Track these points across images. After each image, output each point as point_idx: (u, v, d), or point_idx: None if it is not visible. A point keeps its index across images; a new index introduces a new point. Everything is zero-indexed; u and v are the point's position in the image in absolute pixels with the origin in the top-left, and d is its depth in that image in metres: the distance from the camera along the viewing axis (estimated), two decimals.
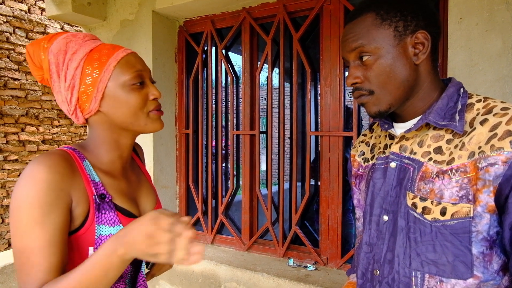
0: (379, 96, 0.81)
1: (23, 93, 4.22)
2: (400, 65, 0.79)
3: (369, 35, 0.79)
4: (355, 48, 0.80)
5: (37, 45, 0.83)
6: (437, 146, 0.79)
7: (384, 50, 0.78)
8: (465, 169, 0.73)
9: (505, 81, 1.63)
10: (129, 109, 0.83)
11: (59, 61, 0.81)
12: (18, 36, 4.14)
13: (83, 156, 0.83)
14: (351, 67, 0.83)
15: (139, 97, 0.83)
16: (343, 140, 2.19)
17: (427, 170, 0.78)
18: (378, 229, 0.86)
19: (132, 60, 0.84)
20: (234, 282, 2.28)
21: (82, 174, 0.80)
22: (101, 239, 0.79)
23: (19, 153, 4.22)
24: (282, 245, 2.40)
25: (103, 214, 0.80)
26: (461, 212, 0.73)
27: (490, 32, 1.66)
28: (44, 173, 0.72)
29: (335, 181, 2.20)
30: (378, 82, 0.80)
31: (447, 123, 0.77)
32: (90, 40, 0.85)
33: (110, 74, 0.81)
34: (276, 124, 2.70)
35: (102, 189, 0.82)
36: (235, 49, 2.84)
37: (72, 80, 0.81)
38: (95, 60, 0.81)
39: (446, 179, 0.75)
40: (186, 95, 2.79)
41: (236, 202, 2.78)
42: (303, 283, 2.04)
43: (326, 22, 2.19)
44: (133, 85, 0.83)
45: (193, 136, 2.77)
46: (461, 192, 0.73)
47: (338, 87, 2.17)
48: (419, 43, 0.78)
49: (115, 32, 2.72)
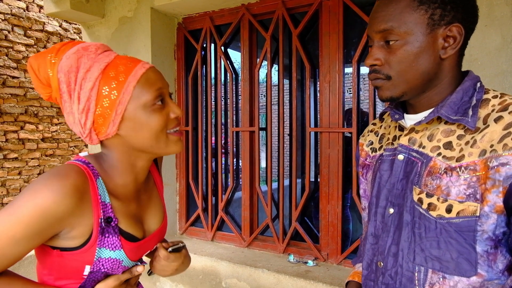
0: (395, 83, 0.78)
1: (22, 91, 4.21)
2: (425, 56, 0.75)
3: (401, 17, 0.74)
4: (384, 30, 0.76)
5: (43, 59, 0.75)
6: (447, 141, 0.76)
7: (413, 37, 0.74)
8: (474, 167, 0.70)
9: (504, 76, 1.63)
10: (151, 132, 0.78)
11: (70, 80, 0.73)
12: (16, 34, 4.13)
13: (97, 173, 0.79)
14: (374, 47, 0.79)
15: (161, 118, 0.78)
16: (343, 136, 2.19)
17: (435, 165, 0.76)
18: (383, 221, 0.85)
19: (152, 77, 0.78)
20: (235, 279, 2.29)
21: (93, 195, 0.76)
22: (100, 261, 0.78)
23: (19, 151, 4.22)
24: (282, 241, 2.40)
25: (106, 237, 0.77)
26: (467, 211, 0.71)
27: (489, 27, 1.65)
28: (48, 199, 0.68)
29: (335, 177, 2.20)
30: (398, 69, 0.76)
31: (459, 118, 0.74)
32: (103, 52, 0.77)
33: (130, 95, 0.75)
34: (275, 121, 2.70)
35: (110, 212, 0.79)
36: (234, 45, 2.83)
37: (87, 103, 0.74)
38: (112, 79, 0.74)
39: (454, 176, 0.73)
40: (185, 92, 2.78)
41: (236, 199, 2.78)
42: (304, 279, 2.05)
43: (325, 18, 2.18)
44: (154, 105, 0.77)
45: (193, 133, 2.77)
46: (469, 190, 0.71)
47: (338, 83, 2.17)
48: (451, 36, 0.74)
49: (113, 30, 2.71)
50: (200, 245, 2.61)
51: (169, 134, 0.82)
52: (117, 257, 0.79)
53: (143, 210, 0.90)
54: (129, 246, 0.82)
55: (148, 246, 0.91)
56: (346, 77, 2.21)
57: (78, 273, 0.78)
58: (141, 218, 0.89)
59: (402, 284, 0.80)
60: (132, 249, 0.83)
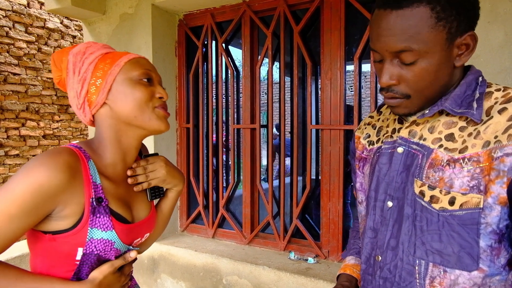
0: (413, 101, 0.76)
1: (23, 88, 4.21)
2: (443, 69, 0.73)
3: (420, 36, 0.69)
4: (401, 50, 0.71)
5: (61, 52, 0.89)
6: (449, 133, 0.75)
7: (432, 54, 0.70)
8: (478, 158, 0.70)
9: (507, 73, 1.62)
10: (134, 102, 0.84)
11: (76, 60, 0.85)
12: (17, 31, 4.12)
13: (88, 155, 0.84)
14: (387, 65, 0.74)
15: (145, 91, 0.85)
16: (344, 134, 2.18)
17: (437, 157, 0.75)
18: (382, 214, 0.84)
19: (143, 61, 0.89)
20: (236, 276, 2.29)
21: (85, 175, 0.80)
22: (92, 242, 0.80)
23: (20, 148, 4.22)
24: (283, 239, 2.40)
25: (98, 218, 0.80)
26: (471, 203, 0.70)
27: (492, 23, 1.64)
28: (42, 176, 0.72)
29: (336, 174, 2.20)
30: (417, 87, 0.74)
31: (463, 110, 0.74)
32: (109, 47, 0.91)
33: (119, 68, 0.85)
34: (276, 118, 2.70)
35: (101, 193, 0.82)
36: (235, 42, 2.82)
37: (85, 74, 0.84)
38: (108, 57, 0.86)
39: (458, 168, 0.72)
40: (186, 89, 2.78)
41: (237, 196, 2.78)
42: (304, 276, 2.04)
43: (326, 15, 2.17)
44: (141, 80, 0.86)
45: (194, 130, 2.77)
46: (472, 182, 0.70)
47: (339, 80, 2.16)
48: (465, 44, 0.72)
49: (114, 26, 2.70)
50: (201, 242, 2.61)
51: (155, 108, 0.87)
52: (109, 238, 0.82)
53: (131, 196, 0.93)
54: (120, 227, 0.84)
55: (139, 232, 0.93)
56: (347, 74, 2.20)
57: (71, 258, 0.81)
58: (129, 203, 0.92)
59: (401, 277, 0.79)
60: (123, 230, 0.85)
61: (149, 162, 0.96)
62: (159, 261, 2.61)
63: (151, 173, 0.95)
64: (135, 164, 0.94)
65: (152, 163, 0.96)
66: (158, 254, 2.61)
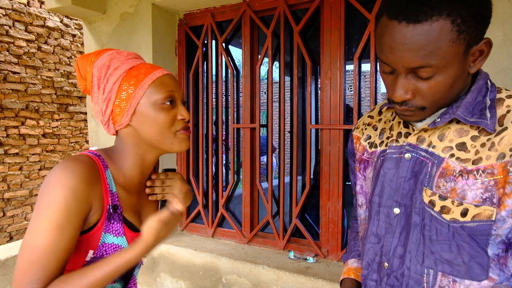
0: (428, 112, 0.73)
1: (23, 87, 4.21)
2: (460, 80, 0.70)
3: (440, 51, 0.64)
4: (419, 66, 0.66)
5: (86, 59, 0.88)
6: (461, 142, 0.73)
7: (450, 68, 0.67)
8: (492, 170, 0.68)
9: (505, 73, 1.63)
10: (157, 127, 0.86)
11: (101, 75, 0.86)
12: (17, 30, 4.13)
13: (106, 164, 0.87)
14: (402, 79, 0.70)
15: (167, 116, 0.86)
16: (344, 133, 2.19)
17: (449, 167, 0.73)
18: (387, 221, 0.83)
19: (166, 81, 0.88)
20: (235, 275, 2.30)
21: (103, 183, 0.83)
22: (103, 246, 0.84)
23: (20, 147, 4.22)
24: (282, 238, 2.41)
25: (112, 223, 0.85)
26: (483, 215, 0.69)
27: (491, 23, 1.64)
28: (71, 180, 0.75)
29: (335, 174, 2.20)
30: (433, 99, 0.71)
31: (476, 120, 0.71)
32: (133, 58, 0.89)
33: (143, 92, 0.85)
34: (276, 118, 2.70)
35: (116, 200, 0.86)
36: (235, 42, 2.83)
37: (109, 93, 0.85)
38: (132, 77, 0.85)
39: (471, 180, 0.70)
40: (186, 89, 2.78)
41: (236, 196, 2.78)
42: (304, 275, 2.05)
43: (326, 15, 2.18)
44: (163, 104, 0.86)
45: (194, 129, 2.77)
46: (486, 194, 0.69)
47: (339, 80, 2.17)
48: (479, 50, 0.69)
49: (114, 25, 2.71)
50: (200, 242, 2.62)
51: (177, 132, 0.89)
52: (119, 243, 0.86)
53: (141, 205, 0.97)
54: (130, 234, 0.89)
55: None
56: (347, 74, 2.20)
57: (81, 259, 0.83)
58: (139, 212, 0.96)
59: (409, 286, 0.78)
60: (133, 237, 0.89)
61: (168, 177, 1.00)
62: (159, 260, 2.62)
63: (167, 187, 0.98)
64: (154, 176, 0.98)
65: (171, 179, 1.00)
66: (158, 253, 2.62)
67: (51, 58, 4.52)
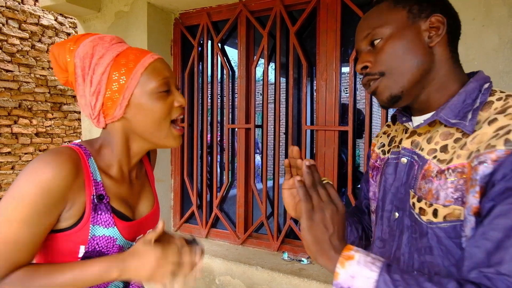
0: (390, 78, 0.76)
1: (16, 85, 4.17)
2: (412, 47, 0.75)
3: (381, 19, 0.77)
4: (367, 34, 0.78)
5: (63, 47, 0.81)
6: (444, 145, 0.74)
7: (395, 31, 0.75)
8: (462, 169, 0.68)
9: (500, 76, 1.63)
10: (153, 117, 0.82)
11: (85, 65, 0.79)
12: (11, 27, 4.09)
13: (89, 153, 0.83)
14: (362, 53, 0.80)
15: (165, 105, 0.82)
16: (339, 135, 2.19)
17: (429, 168, 0.74)
18: (389, 225, 0.84)
19: (159, 67, 0.83)
20: (228, 276, 2.28)
21: (86, 173, 0.79)
22: (94, 240, 0.79)
23: (12, 146, 4.18)
24: (276, 239, 2.40)
25: (99, 215, 0.80)
26: (453, 215, 0.68)
27: (486, 27, 1.66)
28: (48, 174, 0.72)
29: (330, 175, 2.20)
30: (389, 63, 0.76)
31: (457, 121, 0.72)
32: (117, 43, 0.83)
33: (137, 81, 0.79)
34: (271, 119, 2.69)
35: (102, 190, 0.82)
36: (231, 42, 2.82)
37: (98, 86, 0.79)
38: (122, 65, 0.79)
39: (443, 179, 0.71)
40: (181, 88, 2.77)
41: (231, 196, 2.77)
42: (298, 276, 2.04)
43: (323, 16, 2.18)
44: (160, 92, 0.81)
45: (189, 129, 2.76)
46: (456, 193, 0.68)
47: (334, 81, 2.17)
48: (434, 27, 0.75)
49: (109, 24, 2.69)
50: None
51: (172, 127, 0.85)
52: (111, 235, 0.82)
53: (134, 196, 0.93)
54: (122, 224, 0.84)
55: (141, 228, 0.92)
56: (342, 75, 2.20)
57: (73, 256, 0.80)
58: (132, 202, 0.91)
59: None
60: (125, 227, 0.85)
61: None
62: None
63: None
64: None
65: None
66: None
67: (45, 56, 4.48)
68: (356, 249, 0.67)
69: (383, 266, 0.63)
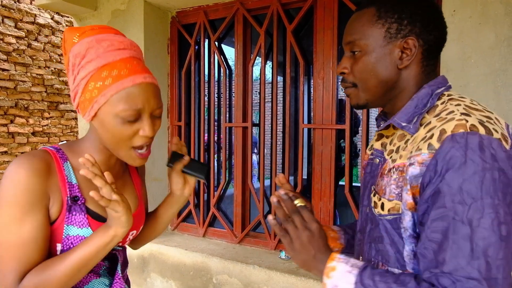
0: (359, 91, 0.84)
1: (12, 84, 4.15)
2: (382, 66, 0.80)
3: (362, 31, 0.81)
4: (349, 42, 0.83)
5: (71, 35, 0.82)
6: (398, 146, 0.81)
7: (371, 48, 0.80)
8: (402, 168, 0.76)
9: (497, 74, 1.64)
10: (113, 138, 0.82)
11: (75, 63, 0.80)
12: (6, 26, 4.07)
13: (65, 157, 0.85)
14: (344, 57, 0.86)
15: (127, 131, 0.81)
16: (336, 133, 2.19)
17: (386, 167, 0.82)
18: (364, 219, 0.92)
19: (136, 94, 0.79)
20: (226, 275, 2.28)
21: (60, 175, 0.82)
22: (69, 239, 0.82)
23: (9, 145, 4.16)
24: (274, 238, 2.40)
25: (73, 215, 0.83)
26: (395, 209, 0.77)
27: (483, 25, 1.66)
28: (22, 175, 0.76)
29: (327, 174, 2.20)
30: (360, 77, 0.82)
31: (406, 125, 0.79)
32: (114, 50, 0.80)
33: (106, 100, 0.79)
34: (268, 118, 2.69)
35: (77, 192, 0.84)
36: (228, 41, 2.81)
37: (77, 87, 0.81)
38: (100, 79, 0.78)
39: (389, 177, 0.79)
40: (178, 87, 2.76)
41: (228, 195, 2.77)
42: (295, 275, 2.04)
43: (320, 14, 2.17)
44: (125, 118, 0.80)
45: (186, 128, 2.75)
46: (397, 190, 0.76)
47: (331, 79, 2.16)
48: (408, 48, 0.79)
49: (106, 23, 2.67)
50: (191, 241, 2.60)
51: (133, 150, 0.85)
52: (85, 235, 0.84)
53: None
54: (97, 225, 0.85)
55: None
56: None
57: (53, 253, 0.84)
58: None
59: None
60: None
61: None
62: (149, 260, 2.59)
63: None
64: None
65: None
66: (148, 253, 2.59)
67: (42, 55, 4.46)
68: (338, 259, 0.76)
69: (358, 273, 0.72)
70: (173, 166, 0.97)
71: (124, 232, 0.80)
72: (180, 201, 1.04)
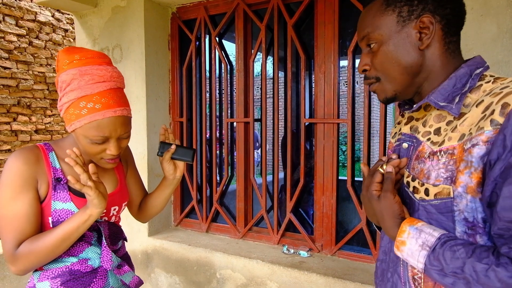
0: (384, 83, 0.82)
1: (14, 82, 4.16)
2: (403, 51, 0.79)
3: (374, 22, 0.80)
4: (363, 37, 0.83)
5: (63, 58, 0.99)
6: (438, 127, 0.78)
7: (386, 37, 0.79)
8: (453, 151, 0.72)
9: (499, 66, 1.63)
10: (85, 151, 1.04)
11: (61, 87, 0.99)
12: (7, 24, 4.07)
13: (51, 148, 1.07)
14: (362, 54, 0.85)
15: (95, 149, 1.02)
16: (337, 127, 2.18)
17: (423, 150, 0.79)
18: None
19: (105, 125, 0.98)
20: (229, 269, 2.29)
21: (46, 162, 1.04)
22: (56, 212, 1.03)
23: (12, 143, 4.18)
24: (276, 233, 2.40)
25: (58, 192, 1.03)
26: (443, 193, 0.73)
27: (485, 16, 1.64)
28: (15, 163, 0.99)
29: (329, 168, 2.20)
30: (382, 69, 0.81)
31: (445, 104, 0.76)
32: (95, 83, 0.97)
33: (80, 125, 0.98)
34: (270, 113, 2.69)
35: (60, 174, 1.05)
36: (229, 36, 2.80)
37: (61, 107, 1.01)
38: (78, 108, 0.97)
39: (435, 160, 0.75)
40: (179, 83, 2.76)
41: (230, 191, 2.77)
42: (298, 269, 2.05)
43: (320, 8, 2.16)
44: (93, 141, 1.00)
45: (187, 124, 2.76)
46: (447, 173, 0.73)
47: (333, 73, 2.16)
48: (425, 27, 0.77)
49: (106, 19, 2.67)
50: (194, 237, 2.61)
51: (103, 159, 1.06)
52: (69, 208, 1.04)
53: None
54: (78, 200, 1.05)
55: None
56: (341, 68, 2.19)
57: (47, 226, 1.04)
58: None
59: (391, 259, 0.88)
60: (81, 203, 1.05)
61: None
62: (153, 256, 2.61)
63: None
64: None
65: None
66: (152, 249, 2.61)
67: (43, 53, 4.46)
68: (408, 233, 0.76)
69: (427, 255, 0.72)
70: (163, 155, 1.15)
71: (99, 212, 0.98)
72: (174, 183, 1.24)
